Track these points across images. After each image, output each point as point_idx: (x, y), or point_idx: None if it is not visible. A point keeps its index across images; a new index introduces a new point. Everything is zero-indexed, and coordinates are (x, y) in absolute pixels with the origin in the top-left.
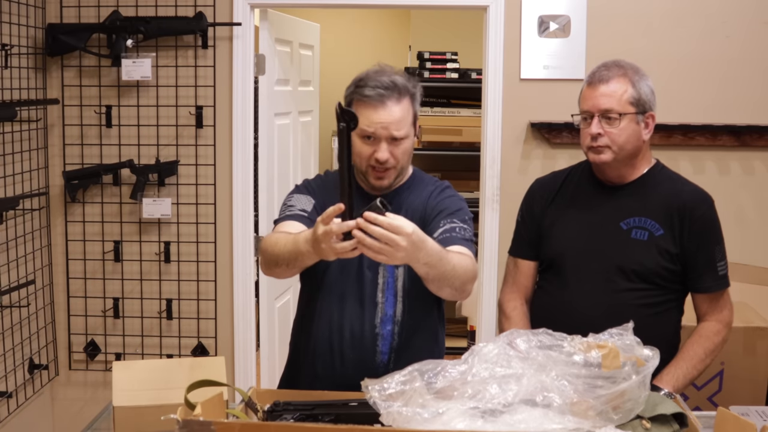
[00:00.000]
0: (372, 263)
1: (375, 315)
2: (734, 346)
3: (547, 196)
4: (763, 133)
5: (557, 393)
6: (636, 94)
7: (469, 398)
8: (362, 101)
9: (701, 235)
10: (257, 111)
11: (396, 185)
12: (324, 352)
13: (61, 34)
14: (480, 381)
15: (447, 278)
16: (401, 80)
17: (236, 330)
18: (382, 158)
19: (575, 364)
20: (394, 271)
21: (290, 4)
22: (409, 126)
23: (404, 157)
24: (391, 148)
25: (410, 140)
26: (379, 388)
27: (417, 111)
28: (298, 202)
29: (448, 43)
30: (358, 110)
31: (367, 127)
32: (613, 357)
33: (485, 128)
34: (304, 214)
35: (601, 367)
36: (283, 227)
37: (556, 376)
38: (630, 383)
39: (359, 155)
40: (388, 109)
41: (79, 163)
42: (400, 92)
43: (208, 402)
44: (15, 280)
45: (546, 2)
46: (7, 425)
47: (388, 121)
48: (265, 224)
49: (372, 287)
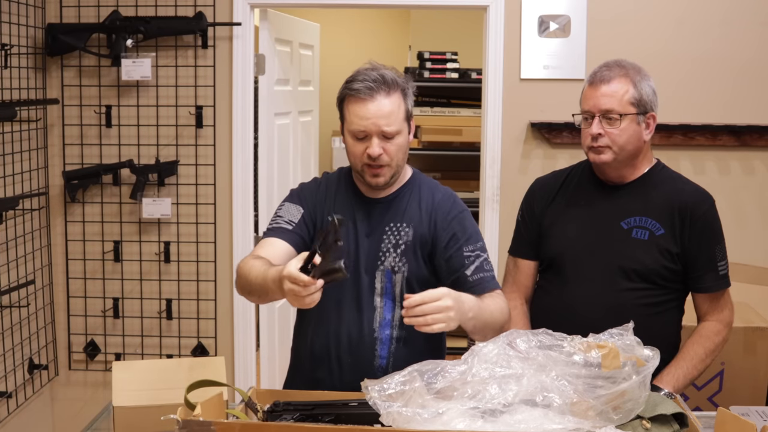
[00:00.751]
0: (369, 267)
1: (373, 319)
2: (734, 346)
3: (548, 196)
4: (763, 133)
5: (557, 393)
6: (637, 94)
7: (469, 398)
8: (351, 96)
9: (702, 234)
10: (257, 111)
11: (394, 186)
12: (323, 356)
13: (61, 34)
14: (480, 381)
15: (488, 325)
16: (390, 74)
17: (236, 330)
18: (374, 153)
19: (575, 364)
20: (392, 276)
21: (290, 4)
22: (401, 122)
23: (398, 154)
24: (383, 144)
25: (404, 137)
26: (379, 389)
27: (410, 108)
28: (287, 213)
29: (448, 43)
30: (348, 106)
31: (358, 122)
32: (613, 357)
33: (485, 128)
34: (289, 228)
35: (601, 367)
36: (263, 246)
37: (556, 376)
38: (630, 383)
39: (353, 155)
40: (378, 103)
41: (79, 163)
42: (389, 86)
43: (208, 402)
44: (15, 280)
45: (546, 2)
46: (7, 425)
47: (377, 115)
48: (265, 224)
49: (370, 292)
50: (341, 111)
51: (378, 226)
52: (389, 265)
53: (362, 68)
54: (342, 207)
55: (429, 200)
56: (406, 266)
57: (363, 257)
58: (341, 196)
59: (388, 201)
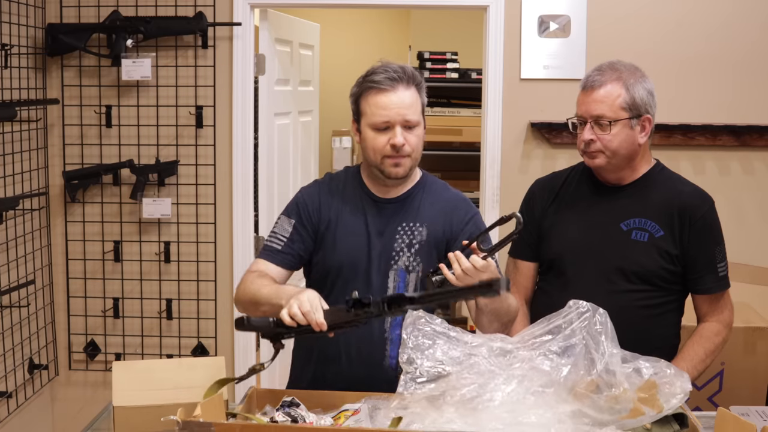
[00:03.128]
0: (382, 267)
1: (384, 320)
2: (734, 346)
3: (547, 198)
4: (763, 133)
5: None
6: (629, 98)
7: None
8: (373, 87)
9: (702, 236)
10: (257, 111)
11: (407, 185)
12: (334, 356)
13: (61, 34)
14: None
15: (500, 315)
16: (410, 68)
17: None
18: (398, 143)
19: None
20: (405, 276)
21: (290, 4)
22: (419, 114)
23: (419, 146)
24: (405, 135)
25: (422, 129)
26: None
27: (424, 103)
28: (280, 229)
29: (448, 43)
30: (368, 99)
31: (381, 113)
32: (635, 411)
33: (485, 128)
34: (279, 248)
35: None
36: (257, 270)
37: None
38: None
39: (373, 148)
40: (400, 94)
41: (79, 163)
42: (409, 79)
43: (208, 403)
44: (15, 280)
45: (546, 2)
46: (7, 425)
47: (400, 105)
48: (265, 224)
49: (381, 292)
50: (358, 106)
51: (390, 225)
52: (403, 264)
53: (378, 65)
54: (351, 206)
55: (442, 200)
56: (420, 266)
57: (375, 257)
58: (350, 194)
59: (400, 201)
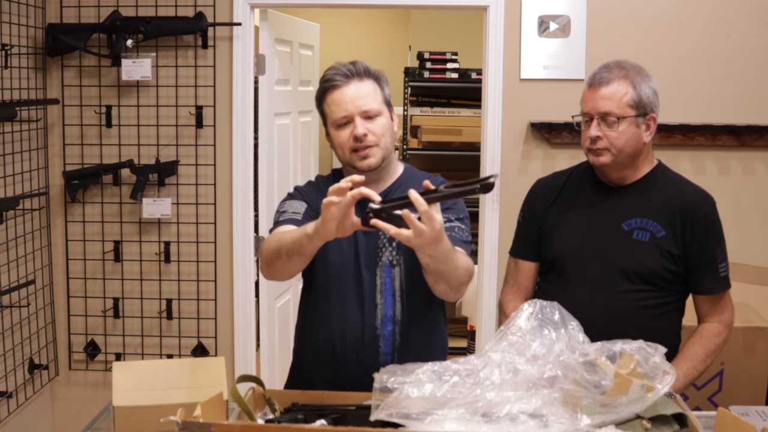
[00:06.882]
0: (370, 264)
1: (375, 316)
2: (734, 346)
3: (549, 197)
4: (763, 133)
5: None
6: (636, 96)
7: (465, 404)
8: (329, 88)
9: (703, 236)
10: (257, 111)
11: (387, 181)
12: (326, 355)
13: (61, 34)
14: (482, 386)
15: (446, 276)
16: (362, 64)
17: (236, 330)
18: (359, 133)
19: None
20: (390, 271)
21: (290, 4)
22: (381, 104)
23: (385, 135)
24: (366, 125)
25: (386, 119)
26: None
27: (387, 95)
28: (290, 207)
29: (448, 43)
30: (327, 100)
31: (338, 108)
32: (622, 384)
33: (485, 128)
34: (297, 217)
35: (607, 392)
36: (279, 231)
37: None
38: (629, 410)
39: (339, 145)
40: (353, 87)
41: (79, 163)
42: (361, 74)
43: (208, 403)
44: (15, 280)
45: (546, 2)
46: (7, 425)
47: (355, 97)
48: (265, 224)
49: (371, 289)
50: (322, 111)
51: None
52: (387, 260)
53: (331, 66)
54: None
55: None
56: (402, 259)
57: (362, 255)
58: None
59: (383, 196)
